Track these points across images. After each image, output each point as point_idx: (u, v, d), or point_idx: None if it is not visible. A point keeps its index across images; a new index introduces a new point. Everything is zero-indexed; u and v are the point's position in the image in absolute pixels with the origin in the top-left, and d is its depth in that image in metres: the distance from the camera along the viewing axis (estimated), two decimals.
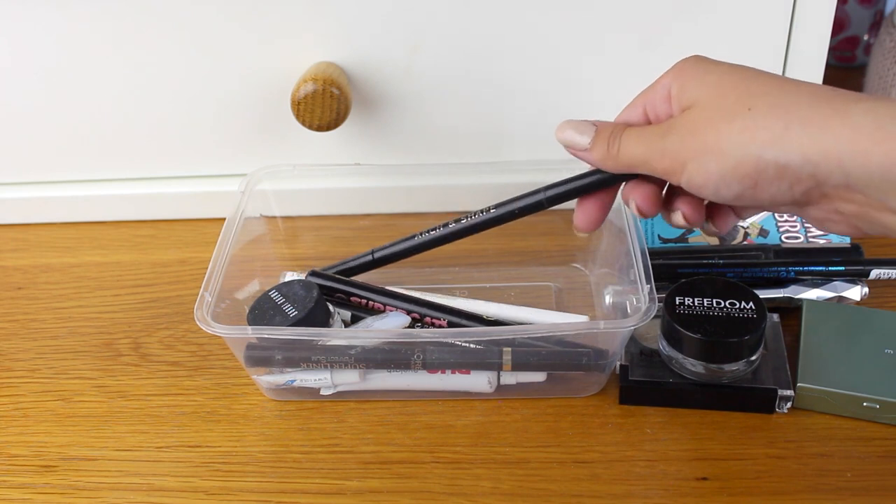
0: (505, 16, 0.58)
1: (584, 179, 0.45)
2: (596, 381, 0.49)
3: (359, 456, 0.47)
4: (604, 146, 0.42)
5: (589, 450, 0.46)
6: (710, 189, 0.38)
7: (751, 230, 0.58)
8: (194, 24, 0.58)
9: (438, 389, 0.50)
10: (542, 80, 0.60)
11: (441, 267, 0.59)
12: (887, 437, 0.46)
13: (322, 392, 0.50)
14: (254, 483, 0.46)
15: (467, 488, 0.45)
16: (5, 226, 0.67)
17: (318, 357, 0.48)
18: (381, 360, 0.48)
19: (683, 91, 0.40)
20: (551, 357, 0.48)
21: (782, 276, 0.53)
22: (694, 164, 0.38)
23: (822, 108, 0.35)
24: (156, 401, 0.51)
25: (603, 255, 0.57)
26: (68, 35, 0.59)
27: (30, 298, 0.60)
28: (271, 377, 0.49)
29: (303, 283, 0.50)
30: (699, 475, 0.45)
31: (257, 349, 0.49)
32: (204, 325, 0.46)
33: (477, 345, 0.48)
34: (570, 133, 0.43)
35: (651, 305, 0.45)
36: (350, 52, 0.59)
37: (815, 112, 0.35)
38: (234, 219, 0.54)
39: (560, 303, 0.57)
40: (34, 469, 0.47)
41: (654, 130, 0.40)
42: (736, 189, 0.38)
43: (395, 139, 0.63)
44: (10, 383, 0.53)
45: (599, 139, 0.42)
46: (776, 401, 0.47)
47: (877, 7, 0.79)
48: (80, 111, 0.62)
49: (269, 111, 0.62)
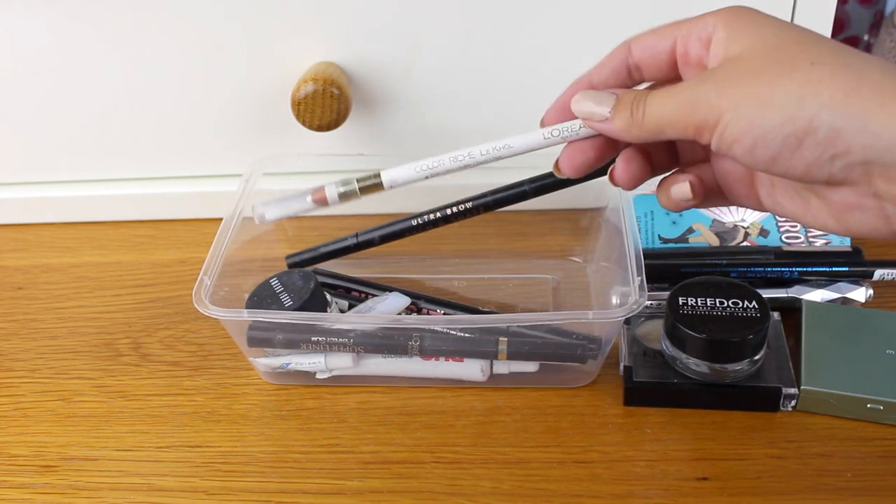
0: (505, 16, 0.58)
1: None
2: (588, 371, 0.50)
3: (359, 456, 0.47)
4: (626, 113, 0.38)
5: (589, 450, 0.46)
6: (744, 145, 0.34)
7: (751, 230, 0.58)
8: (194, 23, 0.58)
9: (432, 376, 0.50)
10: (542, 80, 0.60)
11: (440, 258, 0.60)
12: (887, 438, 0.46)
13: (318, 376, 0.51)
14: (254, 483, 0.46)
15: (467, 488, 0.45)
16: (5, 226, 0.67)
17: (318, 338, 0.48)
18: (378, 344, 0.49)
19: (733, 39, 0.36)
20: (545, 347, 0.49)
21: (786, 276, 0.53)
22: (733, 115, 0.34)
23: (894, 78, 0.32)
24: (156, 401, 0.51)
25: (601, 250, 0.57)
26: (69, 35, 0.59)
27: (30, 298, 0.60)
28: (267, 359, 0.50)
29: (302, 274, 0.51)
30: (699, 475, 0.45)
31: (258, 330, 0.49)
32: (202, 308, 0.46)
33: (473, 333, 0.49)
34: (588, 104, 0.39)
35: (642, 297, 0.45)
36: (350, 52, 0.59)
37: (889, 81, 0.32)
38: (240, 194, 0.54)
39: (557, 295, 0.57)
40: (34, 469, 0.47)
41: (684, 85, 0.36)
42: (774, 149, 0.34)
43: (396, 139, 0.63)
44: (10, 383, 0.53)
45: (621, 106, 0.38)
46: (780, 399, 0.47)
47: (877, 7, 0.79)
48: (81, 111, 0.62)
49: (269, 111, 0.62)
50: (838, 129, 0.32)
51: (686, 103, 0.35)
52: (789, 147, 0.33)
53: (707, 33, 0.37)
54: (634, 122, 0.38)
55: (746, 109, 0.34)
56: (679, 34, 0.38)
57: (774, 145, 0.34)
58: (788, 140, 0.33)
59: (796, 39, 0.34)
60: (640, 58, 0.40)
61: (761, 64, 0.34)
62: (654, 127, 0.37)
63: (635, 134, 0.38)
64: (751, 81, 0.34)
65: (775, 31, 0.35)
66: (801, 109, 0.33)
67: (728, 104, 0.34)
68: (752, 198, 0.40)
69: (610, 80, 0.41)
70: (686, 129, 0.36)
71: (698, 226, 0.59)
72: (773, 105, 0.33)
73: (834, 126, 0.32)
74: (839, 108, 0.32)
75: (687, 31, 0.38)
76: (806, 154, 0.33)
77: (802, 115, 0.33)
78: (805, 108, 0.33)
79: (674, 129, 0.36)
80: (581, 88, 0.41)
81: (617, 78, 0.40)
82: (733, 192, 0.41)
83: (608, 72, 0.41)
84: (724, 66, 0.35)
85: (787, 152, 0.34)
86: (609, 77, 0.41)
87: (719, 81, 0.35)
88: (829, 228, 0.37)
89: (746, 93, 0.34)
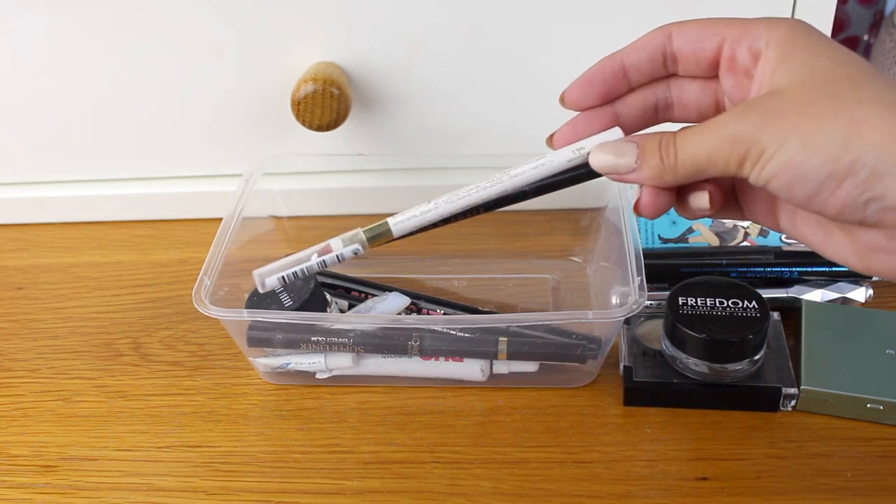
0: (505, 15, 0.58)
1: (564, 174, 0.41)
2: (588, 371, 0.50)
3: (359, 456, 0.47)
4: (655, 159, 0.36)
5: (589, 450, 0.46)
6: (782, 180, 0.33)
7: (751, 230, 0.58)
8: (194, 23, 0.58)
9: (431, 376, 0.50)
10: (542, 80, 0.60)
11: (440, 258, 0.60)
12: (887, 437, 0.46)
13: (317, 376, 0.51)
14: (254, 483, 0.46)
15: (467, 488, 0.45)
16: (5, 226, 0.67)
17: (318, 338, 0.48)
18: (378, 344, 0.49)
19: (782, 63, 0.34)
20: (545, 347, 0.49)
21: (786, 276, 0.53)
22: (776, 150, 0.33)
23: None
24: (156, 401, 0.51)
25: (601, 250, 0.57)
26: (70, 35, 0.59)
27: (30, 298, 0.60)
28: (267, 359, 0.50)
29: None
30: (699, 475, 0.45)
31: (258, 330, 0.49)
32: (202, 308, 0.46)
33: (473, 333, 0.49)
34: (608, 157, 0.37)
35: (641, 296, 0.45)
36: (350, 52, 0.59)
37: None
38: (240, 194, 0.54)
39: (557, 295, 0.57)
40: (34, 469, 0.47)
41: (722, 119, 0.34)
42: (813, 187, 0.33)
43: (396, 139, 0.63)
44: (10, 383, 0.53)
45: (648, 154, 0.36)
46: (780, 399, 0.47)
47: (877, 7, 0.79)
48: (81, 111, 0.62)
49: (269, 111, 0.62)
50: (880, 173, 0.31)
51: (727, 139, 0.34)
52: (828, 187, 0.32)
53: (758, 46, 0.35)
54: (667, 169, 0.36)
55: (789, 146, 0.32)
56: (729, 36, 0.36)
57: (813, 184, 0.33)
58: (828, 181, 0.32)
59: (847, 74, 0.33)
60: (680, 48, 0.38)
61: (808, 98, 0.33)
62: (690, 169, 0.35)
63: (668, 180, 0.36)
64: (796, 116, 0.33)
65: (827, 65, 0.34)
66: (845, 150, 0.32)
67: (771, 139, 0.33)
68: (771, 219, 0.39)
69: (643, 65, 0.39)
70: (727, 165, 0.34)
71: (698, 226, 0.59)
72: (816, 143, 0.32)
73: (877, 170, 0.31)
74: (884, 151, 0.31)
75: (739, 35, 0.36)
76: (843, 194, 0.32)
77: (846, 157, 0.32)
78: (849, 149, 0.32)
79: (714, 167, 0.35)
80: (611, 67, 0.39)
81: (651, 65, 0.39)
82: (752, 211, 0.39)
83: (643, 56, 0.39)
84: (770, 97, 0.34)
85: (826, 192, 0.33)
86: (643, 62, 0.39)
87: (763, 114, 0.33)
88: (848, 263, 0.36)
89: (790, 128, 0.33)
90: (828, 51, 0.34)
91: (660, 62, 0.39)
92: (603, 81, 0.39)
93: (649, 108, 0.40)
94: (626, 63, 0.39)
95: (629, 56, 0.39)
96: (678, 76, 0.39)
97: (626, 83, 0.39)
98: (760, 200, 0.39)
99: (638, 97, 0.40)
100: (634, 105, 0.40)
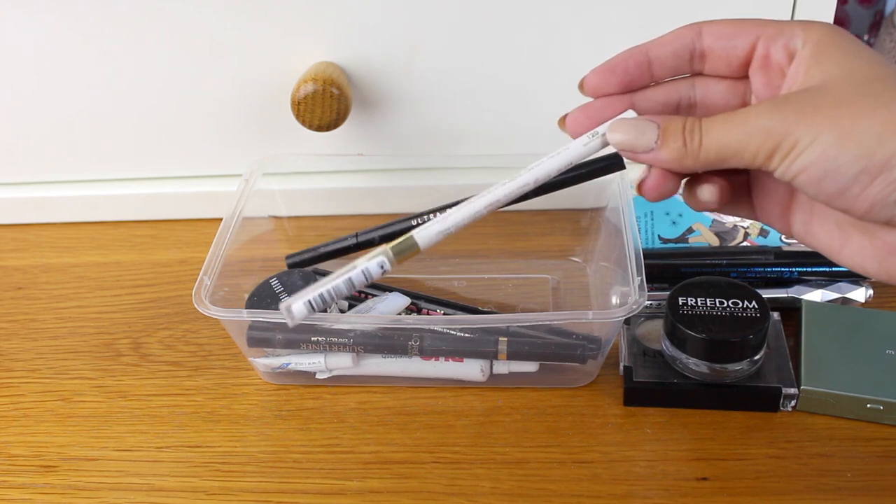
0: (504, 15, 0.58)
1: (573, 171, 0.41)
2: (588, 372, 0.50)
3: (359, 456, 0.47)
4: (677, 143, 0.35)
5: (589, 450, 0.46)
6: (812, 175, 0.33)
7: (751, 230, 0.58)
8: (194, 23, 0.58)
9: (431, 376, 0.50)
10: (542, 79, 0.60)
11: (440, 258, 0.60)
12: (887, 438, 0.46)
13: (317, 376, 0.51)
14: (254, 483, 0.46)
15: (467, 488, 0.45)
16: (5, 226, 0.67)
17: (318, 338, 0.48)
18: (378, 344, 0.49)
19: (817, 62, 0.34)
20: (545, 347, 0.49)
21: (786, 276, 0.53)
22: (809, 142, 0.32)
23: None
24: (156, 401, 0.51)
25: (601, 250, 0.57)
26: (70, 35, 0.59)
27: (30, 298, 0.60)
28: (267, 359, 0.50)
29: (302, 274, 0.51)
30: (699, 475, 0.45)
31: (258, 330, 0.49)
32: (202, 308, 0.46)
33: (473, 333, 0.49)
34: (629, 134, 0.36)
35: (641, 296, 0.45)
36: (350, 52, 0.59)
37: None
38: (240, 194, 0.54)
39: (557, 295, 0.57)
40: (34, 469, 0.47)
41: (753, 110, 0.34)
42: (844, 182, 0.32)
43: (396, 139, 0.63)
44: (10, 383, 0.53)
45: (670, 135, 0.35)
46: (780, 399, 0.47)
47: (877, 7, 0.79)
48: (81, 111, 0.62)
49: (269, 111, 0.62)
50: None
51: (760, 129, 0.33)
52: (860, 183, 0.32)
53: (794, 45, 0.35)
54: (689, 153, 0.35)
55: (823, 139, 0.32)
56: (764, 34, 0.36)
57: (845, 179, 0.32)
58: (861, 176, 0.32)
59: (881, 75, 0.33)
60: (711, 45, 0.38)
61: (844, 95, 0.33)
62: (714, 157, 0.35)
63: (688, 164, 0.35)
64: (832, 111, 0.32)
65: (862, 66, 0.34)
66: (880, 146, 0.31)
67: (805, 131, 0.32)
68: (783, 221, 0.39)
69: (669, 60, 0.38)
70: (755, 157, 0.34)
71: (698, 226, 0.59)
72: (852, 138, 0.32)
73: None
74: None
75: (774, 33, 0.36)
76: (874, 192, 0.32)
77: (881, 153, 0.31)
78: (885, 146, 0.31)
79: (739, 158, 0.34)
80: (636, 57, 0.38)
81: (677, 61, 0.38)
82: (765, 210, 0.39)
83: (670, 51, 0.38)
84: (805, 92, 0.34)
85: (857, 188, 0.32)
86: (669, 57, 0.38)
87: (799, 107, 0.33)
88: (865, 269, 0.35)
89: (826, 122, 0.32)
90: (862, 53, 0.34)
91: (686, 59, 0.38)
92: (626, 71, 0.38)
93: (671, 105, 0.40)
94: (651, 55, 0.38)
95: (655, 49, 0.38)
96: (703, 75, 0.39)
97: (648, 76, 0.39)
98: (776, 201, 0.38)
99: (659, 92, 0.40)
100: (654, 100, 0.40)
